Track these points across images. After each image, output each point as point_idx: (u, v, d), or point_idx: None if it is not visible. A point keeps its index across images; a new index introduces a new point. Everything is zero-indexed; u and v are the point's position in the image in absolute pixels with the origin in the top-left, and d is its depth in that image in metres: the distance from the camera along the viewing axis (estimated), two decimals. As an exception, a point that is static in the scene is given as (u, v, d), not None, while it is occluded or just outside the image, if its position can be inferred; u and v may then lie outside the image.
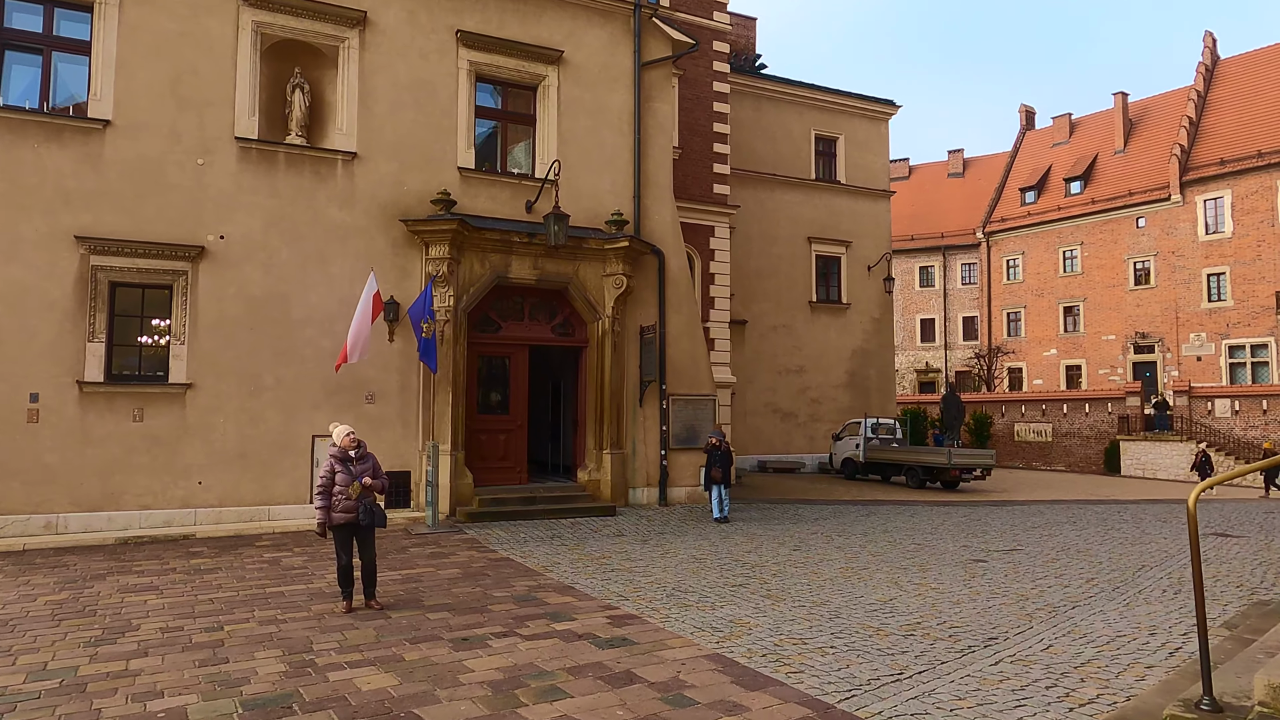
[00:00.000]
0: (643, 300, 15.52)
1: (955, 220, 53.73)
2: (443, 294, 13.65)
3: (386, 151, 13.76)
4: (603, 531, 12.68)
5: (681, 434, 15.67)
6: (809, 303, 28.15)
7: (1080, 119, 52.20)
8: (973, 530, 14.08)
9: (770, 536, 12.73)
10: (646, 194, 15.72)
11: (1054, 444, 38.26)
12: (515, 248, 14.28)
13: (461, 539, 11.62)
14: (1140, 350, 44.08)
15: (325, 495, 7.44)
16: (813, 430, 28.07)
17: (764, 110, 27.56)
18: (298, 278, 13.07)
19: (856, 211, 29.36)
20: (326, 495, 7.44)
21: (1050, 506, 18.64)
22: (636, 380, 15.34)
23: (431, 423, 13.55)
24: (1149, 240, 44.01)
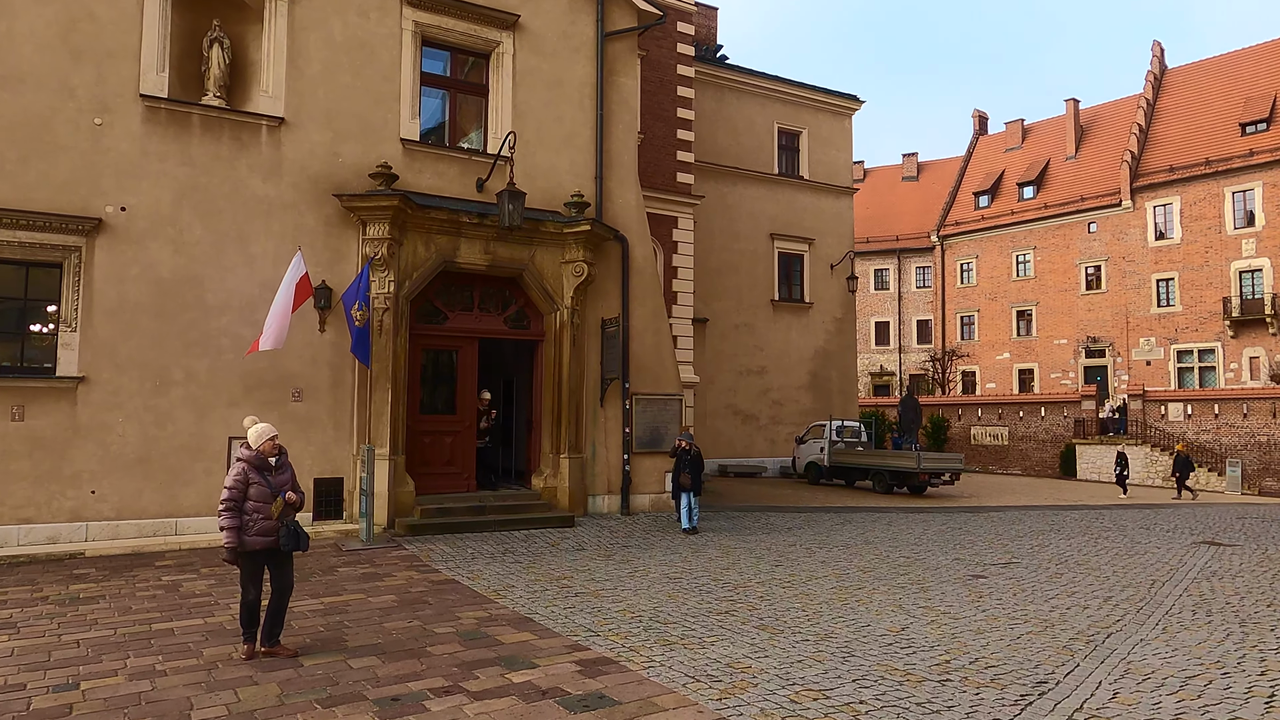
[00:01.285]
0: (605, 291, 14.23)
1: (910, 223, 53.64)
2: (382, 279, 12.16)
3: (319, 118, 12.22)
4: (561, 545, 11.35)
5: (646, 436, 14.41)
6: (771, 301, 27.19)
7: (1033, 124, 52.58)
8: (958, 540, 13.12)
9: (746, 549, 11.56)
10: (609, 175, 14.44)
11: (1010, 447, 38.06)
12: (464, 229, 12.86)
13: (400, 556, 10.16)
14: (1091, 354, 44.35)
15: (235, 512, 5.92)
16: (774, 433, 27.10)
17: (726, 101, 26.53)
18: (213, 258, 11.46)
19: (819, 208, 28.53)
20: (237, 512, 5.93)
21: (1026, 513, 17.89)
22: (597, 378, 14.04)
23: (368, 423, 12.04)
24: (1100, 245, 44.34)
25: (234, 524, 5.91)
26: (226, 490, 5.96)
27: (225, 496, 5.95)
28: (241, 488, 5.95)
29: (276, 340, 10.37)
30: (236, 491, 5.93)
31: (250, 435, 6.19)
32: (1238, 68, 43.12)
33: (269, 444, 6.10)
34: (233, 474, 6.01)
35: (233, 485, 5.95)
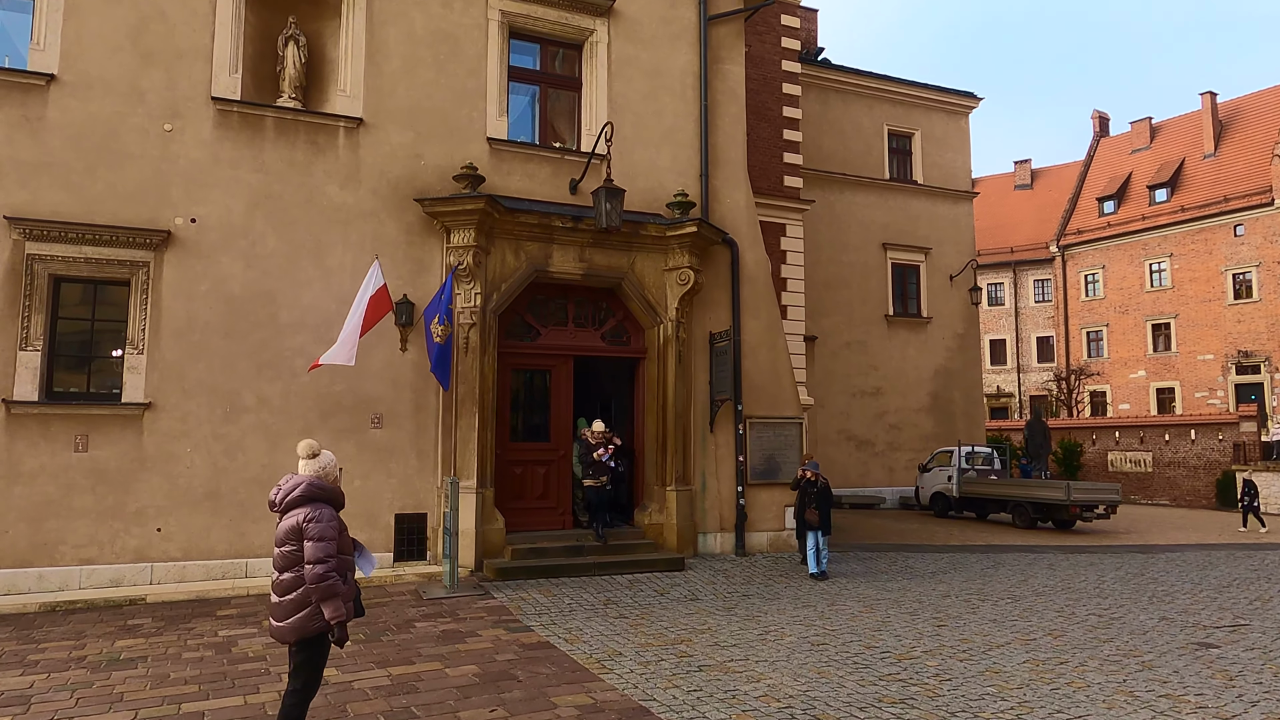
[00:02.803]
0: (713, 301, 12.65)
1: (1025, 234, 50.07)
2: (467, 290, 10.94)
3: (399, 118, 11.18)
4: (671, 594, 9.72)
5: (762, 466, 12.67)
6: (885, 316, 25.00)
7: (1162, 123, 48.39)
8: (1148, 591, 10.80)
9: (890, 601, 9.64)
10: (715, 173, 12.91)
11: (1155, 474, 34.19)
12: (556, 235, 11.54)
13: (487, 607, 8.74)
14: (1243, 370, 39.84)
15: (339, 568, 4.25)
16: (892, 460, 24.77)
17: (831, 104, 24.74)
18: (287, 271, 10.49)
19: (935, 215, 26.24)
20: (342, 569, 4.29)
21: (1209, 554, 15.15)
22: (706, 399, 12.43)
23: (453, 452, 10.78)
24: (1249, 249, 39.96)
25: (341, 588, 4.19)
26: (323, 542, 4.16)
27: (325, 550, 4.14)
28: (336, 535, 4.26)
29: (348, 355, 9.22)
30: (330, 541, 4.20)
31: (320, 464, 4.49)
32: None
33: (338, 476, 4.59)
34: (322, 516, 4.24)
35: (328, 534, 4.20)
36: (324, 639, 4.25)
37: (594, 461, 11.08)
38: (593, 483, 11.17)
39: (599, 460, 11.06)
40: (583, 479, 11.32)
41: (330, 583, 4.08)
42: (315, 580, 4.08)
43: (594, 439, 11.14)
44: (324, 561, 4.09)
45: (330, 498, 4.33)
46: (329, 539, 4.13)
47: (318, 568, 4.09)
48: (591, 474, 11.14)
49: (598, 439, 11.15)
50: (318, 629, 4.14)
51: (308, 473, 4.37)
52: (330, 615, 4.09)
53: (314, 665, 4.23)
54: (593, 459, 11.08)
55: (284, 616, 4.12)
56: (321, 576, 4.09)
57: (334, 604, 4.10)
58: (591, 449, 11.10)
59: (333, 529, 4.18)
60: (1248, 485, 21.79)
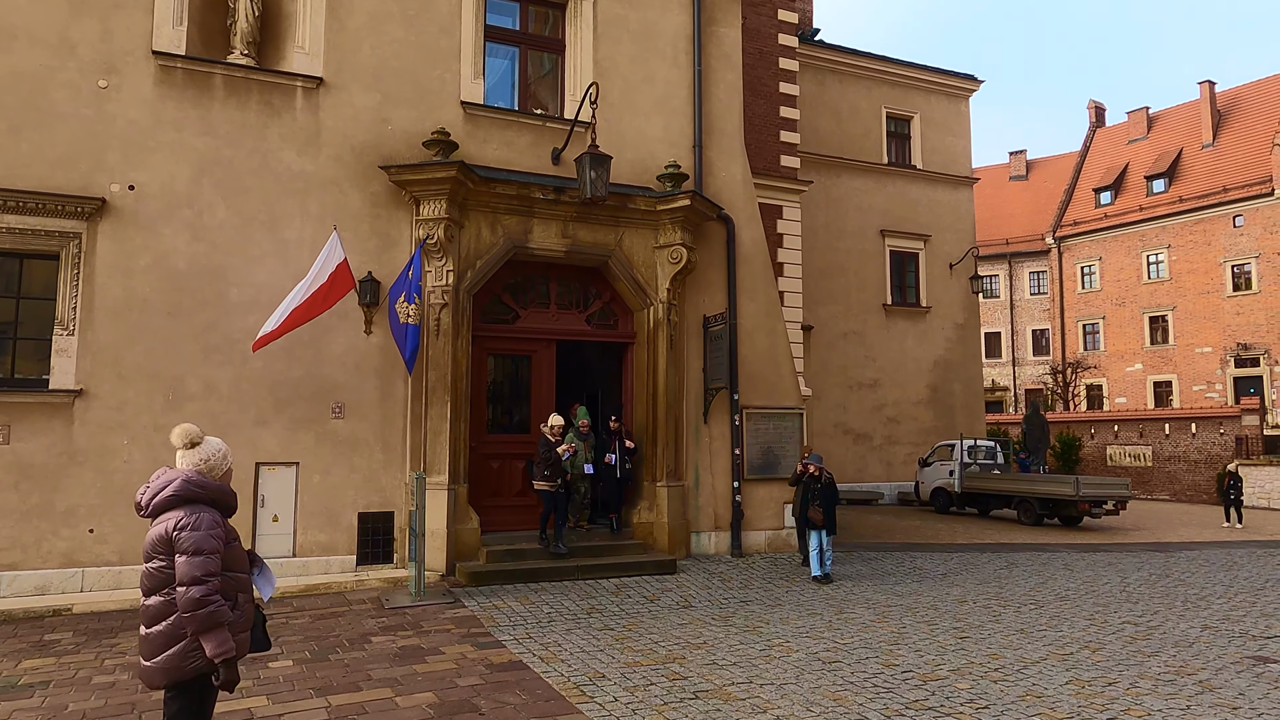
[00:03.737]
0: (707, 282, 11.72)
1: (1021, 225, 49.36)
2: (438, 268, 9.97)
3: (364, 79, 10.19)
4: (662, 601, 8.80)
5: (759, 460, 11.77)
6: (883, 306, 24.14)
7: (1159, 113, 47.72)
8: (1178, 595, 9.96)
9: (904, 608, 8.75)
10: (710, 144, 11.97)
11: (1155, 469, 33.51)
12: (537, 207, 10.58)
13: (455, 618, 7.79)
14: (1242, 363, 39.22)
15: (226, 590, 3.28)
16: (890, 454, 23.93)
17: (828, 85, 23.82)
18: (239, 245, 9.49)
19: (935, 201, 25.38)
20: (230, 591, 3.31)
21: (1229, 552, 14.35)
22: (700, 388, 11.50)
23: (423, 445, 9.81)
24: (1249, 240, 39.32)
25: (228, 615, 3.22)
26: (200, 556, 3.16)
27: (203, 566, 3.14)
28: (220, 547, 3.27)
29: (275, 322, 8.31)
30: (218, 558, 3.24)
31: (203, 455, 3.45)
32: None
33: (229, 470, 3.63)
34: (200, 522, 3.20)
35: (207, 546, 3.18)
36: (205, 683, 3.23)
37: (554, 461, 9.71)
38: (546, 486, 9.69)
39: (560, 460, 9.78)
40: (534, 481, 9.86)
41: (210, 609, 3.10)
42: (190, 606, 3.08)
43: (554, 435, 9.84)
44: (201, 582, 3.10)
45: (215, 499, 3.32)
46: (208, 552, 3.14)
47: (193, 590, 3.08)
48: (547, 475, 9.65)
49: (556, 435, 9.88)
50: (195, 669, 3.14)
51: (185, 466, 3.39)
52: (213, 651, 3.10)
53: (192, 718, 3.24)
54: (555, 457, 9.72)
55: (152, 654, 3.14)
56: (198, 601, 3.08)
57: (217, 636, 3.12)
58: (551, 446, 9.75)
59: (214, 539, 3.18)
60: (1234, 478, 21.03)
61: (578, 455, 10.46)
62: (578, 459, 10.48)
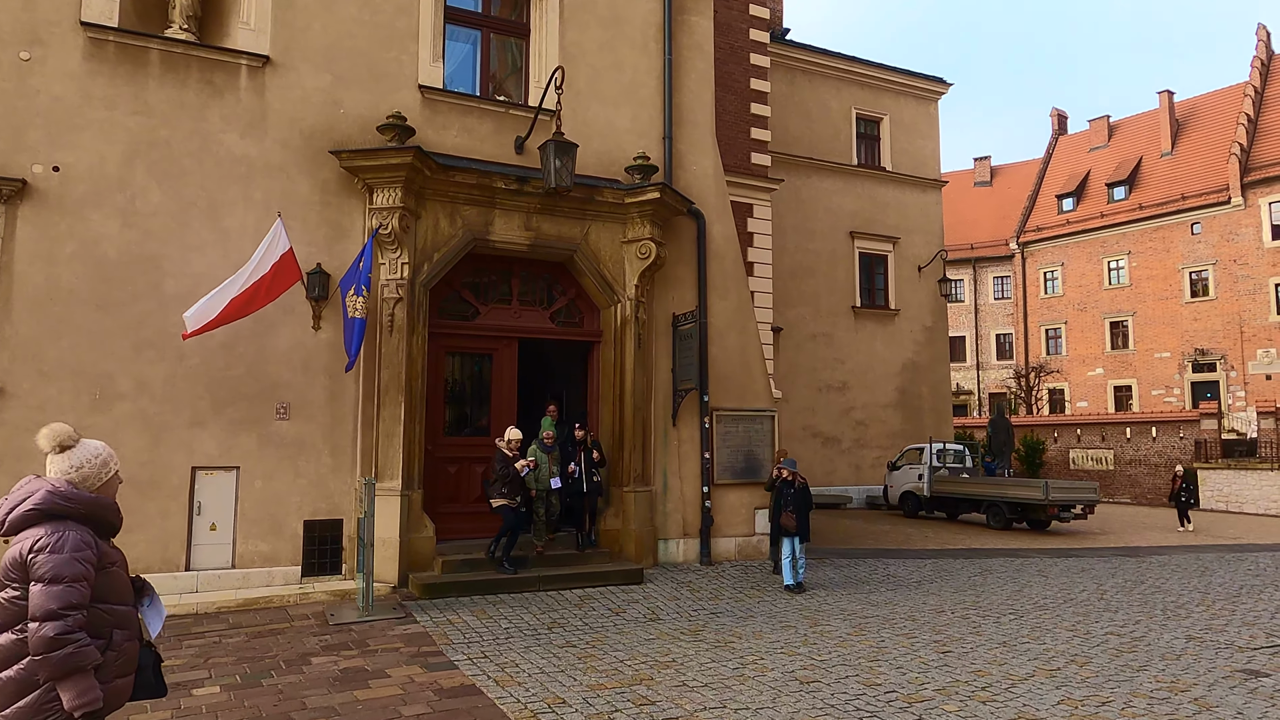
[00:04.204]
0: (677, 279, 11.28)
1: (985, 231, 49.76)
2: (393, 260, 9.39)
3: (314, 59, 9.58)
4: (628, 614, 8.32)
5: (730, 464, 11.35)
6: (852, 308, 23.94)
7: (1120, 121, 48.47)
8: (1157, 602, 9.73)
9: (880, 619, 8.38)
10: (680, 135, 11.54)
11: (1116, 472, 33.83)
12: (499, 198, 10.05)
13: (405, 634, 7.23)
14: (1200, 368, 39.87)
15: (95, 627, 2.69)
16: (858, 457, 23.73)
17: (798, 84, 23.57)
18: (175, 233, 8.83)
19: (904, 203, 25.27)
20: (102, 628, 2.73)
21: (1198, 556, 14.25)
22: (669, 389, 11.05)
23: (375, 448, 9.22)
24: (1206, 247, 40.01)
25: (93, 658, 2.62)
26: (59, 585, 2.58)
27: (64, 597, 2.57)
28: (88, 573, 2.67)
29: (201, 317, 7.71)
30: (85, 587, 2.65)
31: (75, 462, 2.87)
32: (1362, 47, 38.69)
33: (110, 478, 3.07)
34: (63, 543, 2.63)
35: (72, 573, 2.61)
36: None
37: (513, 477, 9.01)
38: (505, 502, 8.94)
39: (519, 476, 9.10)
40: (491, 499, 9.07)
41: (68, 651, 2.52)
42: (42, 647, 2.51)
43: (512, 449, 9.12)
44: (57, 616, 2.52)
45: (88, 514, 2.74)
46: (69, 579, 2.55)
47: (46, 626, 2.51)
48: (505, 492, 8.93)
49: (515, 450, 9.15)
50: None
51: (54, 474, 2.82)
52: (71, 702, 2.52)
53: None
54: (513, 473, 9.03)
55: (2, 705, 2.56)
56: (51, 641, 2.51)
57: (77, 684, 2.54)
58: (509, 461, 9.05)
59: (81, 563, 2.60)
60: (1184, 481, 21.15)
61: (540, 470, 9.59)
62: (541, 473, 9.60)
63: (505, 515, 9.00)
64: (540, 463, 9.62)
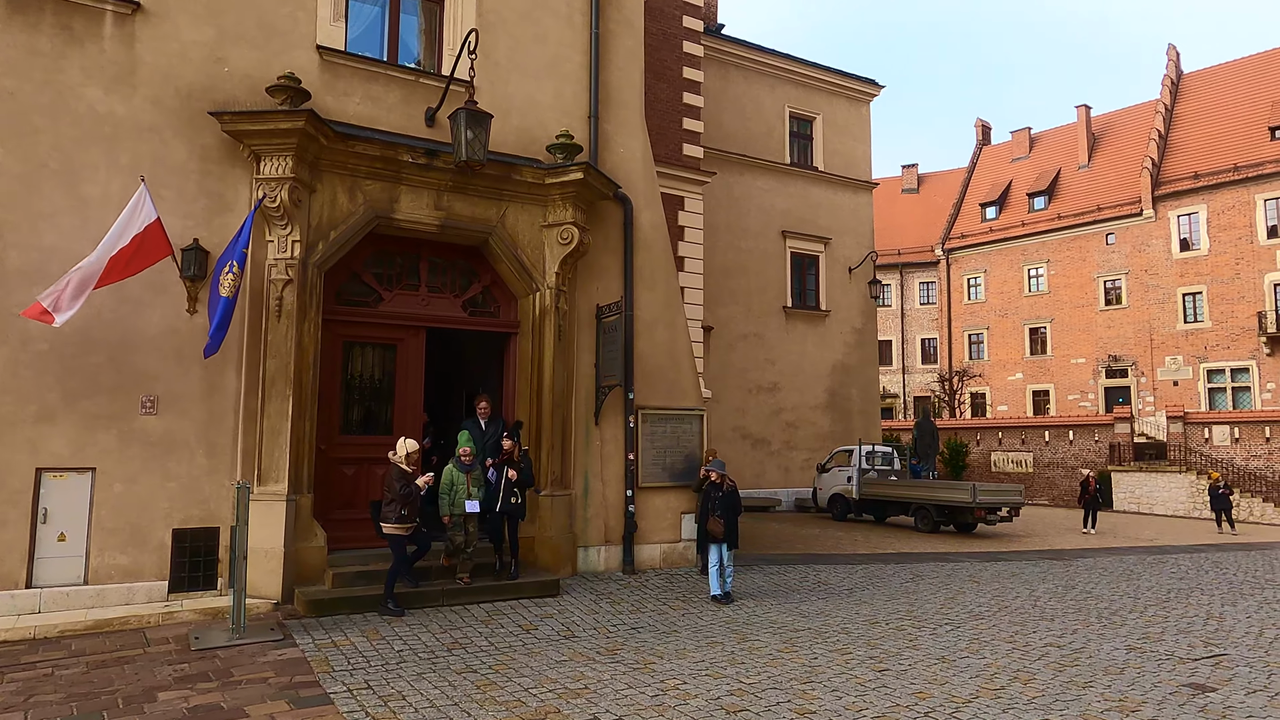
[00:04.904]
0: (601, 268, 10.55)
1: (912, 237, 50.59)
2: (282, 237, 8.40)
3: (194, 9, 8.51)
4: (540, 631, 7.54)
5: (656, 466, 10.67)
6: (783, 308, 23.64)
7: (1040, 133, 49.90)
8: (1090, 609, 9.45)
9: (813, 633, 7.81)
10: (607, 115, 10.82)
11: (1035, 475, 34.58)
12: (405, 173, 9.14)
13: (278, 661, 6.30)
14: (1113, 374, 41.20)
15: None
16: (788, 459, 23.42)
17: (732, 80, 23.15)
18: (23, 199, 7.67)
19: (836, 204, 25.14)
20: None
21: (1120, 559, 14.24)
22: (591, 385, 10.31)
23: (258, 447, 8.22)
24: (1120, 257, 41.38)
25: None
26: None
27: None
28: None
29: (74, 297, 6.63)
30: None
31: None
32: (1262, 70, 40.62)
33: None
34: None
35: None
36: None
37: (412, 497, 7.73)
38: (399, 529, 7.71)
39: (418, 495, 7.87)
40: (381, 524, 7.79)
41: None
42: None
43: (410, 464, 7.89)
44: None
45: None
46: None
47: None
48: (404, 515, 7.68)
49: (415, 464, 7.98)
50: None
51: None
52: None
53: None
54: (413, 492, 7.75)
55: None
56: None
57: None
58: (408, 479, 7.81)
59: None
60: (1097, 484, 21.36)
61: (456, 491, 8.38)
62: (457, 496, 8.37)
63: (395, 546, 7.85)
64: (455, 483, 8.42)
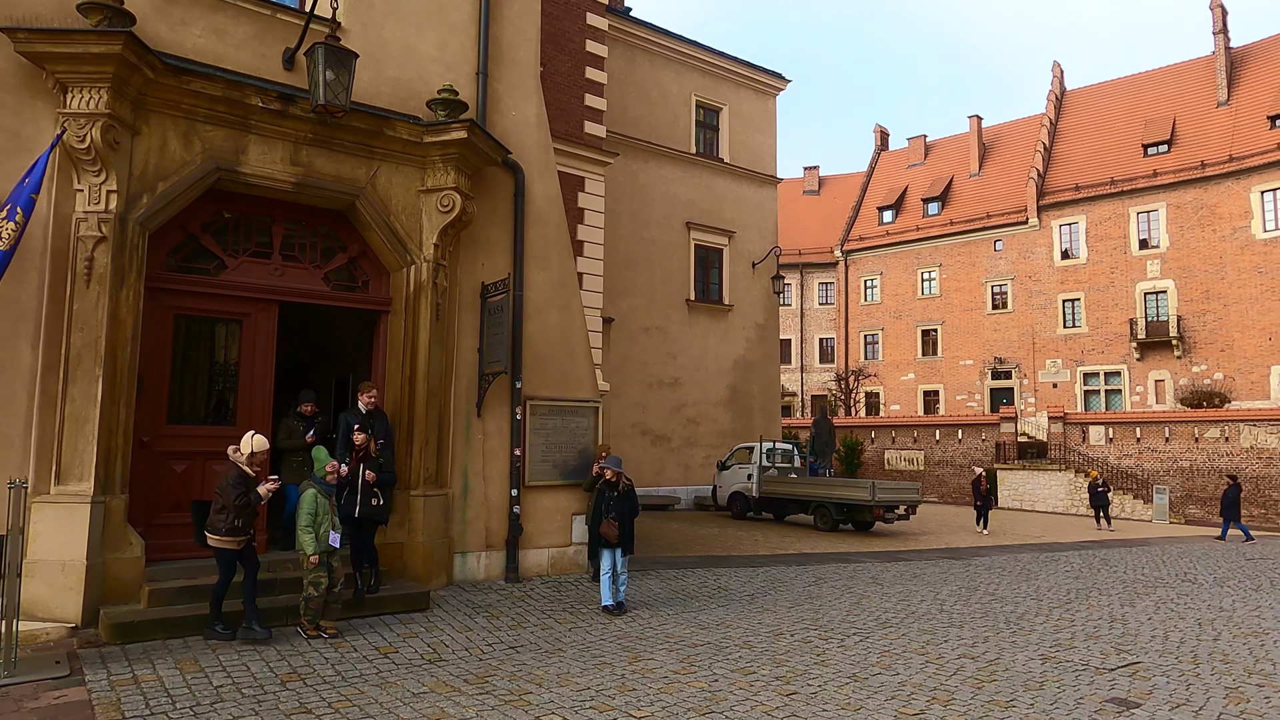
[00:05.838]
0: (488, 242, 9.49)
1: (813, 238, 51.27)
2: (94, 186, 6.98)
3: (-13, -96, 6.99)
4: (401, 655, 6.46)
5: (546, 462, 9.69)
6: (686, 301, 23.03)
7: (935, 141, 51.46)
8: (998, 613, 9.08)
9: (713, 647, 7.03)
10: (498, 74, 9.75)
11: (926, 472, 35.41)
12: (256, 119, 7.83)
13: (52, 709, 5.00)
14: (998, 376, 42.79)
15: None
16: (688, 457, 22.84)
17: (638, 63, 22.35)
18: None
19: (741, 197, 24.74)
20: None
21: (1015, 558, 14.24)
22: (473, 371, 9.24)
23: (59, 438, 6.79)
24: (1007, 264, 43.02)
25: None
26: None
27: None
28: None
29: None
30: None
31: None
32: (1138, 90, 42.98)
33: None
34: None
35: None
36: None
37: (249, 507, 6.47)
38: (228, 542, 6.39)
39: (257, 505, 6.56)
40: (209, 533, 6.44)
41: None
42: None
43: (255, 465, 6.63)
44: None
45: None
46: None
47: None
48: (239, 525, 6.39)
49: (260, 464, 6.72)
50: None
51: None
52: None
53: None
54: (251, 502, 6.47)
55: None
56: None
57: None
58: (249, 484, 6.51)
59: None
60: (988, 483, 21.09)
61: (320, 522, 6.70)
62: (321, 527, 6.71)
63: (223, 561, 6.52)
64: (321, 512, 6.74)
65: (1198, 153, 37.63)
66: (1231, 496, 19.91)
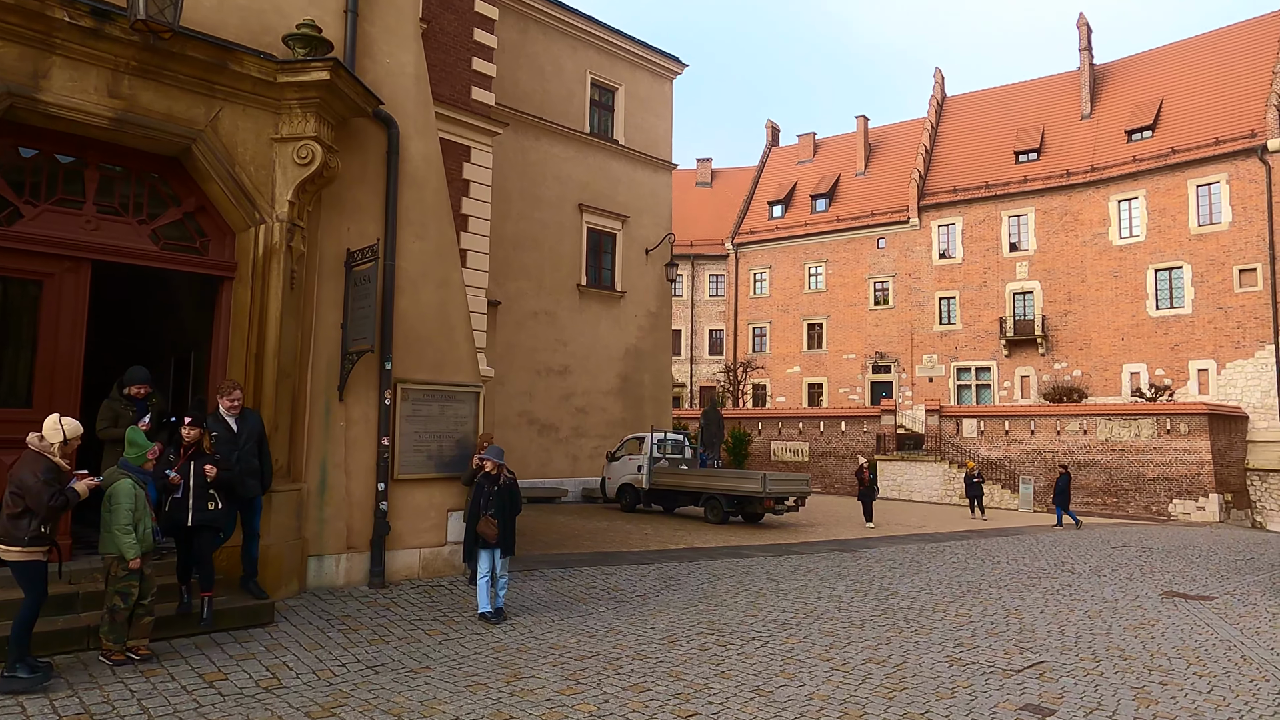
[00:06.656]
0: (355, 204, 8.37)
1: (704, 230, 51.33)
2: None
3: None
4: (231, 684, 5.39)
5: (419, 452, 8.68)
6: (578, 286, 22.19)
7: (824, 139, 52.47)
8: (897, 609, 8.78)
9: (603, 659, 6.30)
10: (371, 15, 8.63)
11: (811, 463, 36.00)
12: (61, 38, 6.46)
13: None
14: (878, 370, 44.06)
15: None
16: (576, 447, 22.04)
17: (531, 35, 21.29)
18: None
19: (635, 181, 24.10)
20: None
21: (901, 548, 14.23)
22: (335, 349, 8.13)
23: None
24: (889, 261, 44.31)
25: None
26: None
27: None
28: None
29: None
30: None
31: None
32: (1011, 100, 45.08)
33: None
34: None
35: None
36: None
37: (59, 506, 5.22)
38: (33, 554, 5.16)
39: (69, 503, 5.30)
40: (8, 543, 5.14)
41: None
42: None
43: (66, 455, 5.37)
44: None
45: None
46: None
47: None
48: (43, 535, 5.15)
49: (71, 454, 5.47)
50: None
51: None
52: None
53: None
54: (62, 500, 5.21)
55: None
56: None
57: None
58: (61, 479, 5.27)
59: None
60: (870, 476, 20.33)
61: (141, 521, 5.58)
62: (142, 526, 5.59)
63: (30, 579, 5.19)
64: (138, 505, 5.60)
65: (1063, 161, 39.76)
66: (1062, 485, 20.81)
